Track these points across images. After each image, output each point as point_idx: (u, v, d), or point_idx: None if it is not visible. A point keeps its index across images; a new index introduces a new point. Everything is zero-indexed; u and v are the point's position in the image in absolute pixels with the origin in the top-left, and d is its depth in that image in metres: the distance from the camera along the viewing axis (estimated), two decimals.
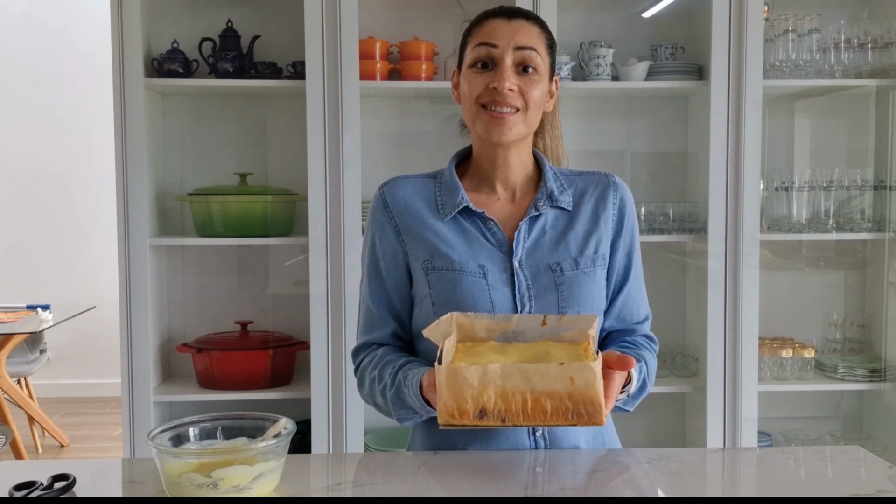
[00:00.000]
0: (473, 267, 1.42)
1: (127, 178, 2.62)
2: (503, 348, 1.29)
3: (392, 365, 1.42)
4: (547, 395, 1.15)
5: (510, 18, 1.44)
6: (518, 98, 1.40)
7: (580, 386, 1.14)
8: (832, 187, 2.79)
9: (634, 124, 2.98)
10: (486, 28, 1.44)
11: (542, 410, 1.15)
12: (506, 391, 1.15)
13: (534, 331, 1.32)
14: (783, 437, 2.93)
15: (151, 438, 1.19)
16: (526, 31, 1.43)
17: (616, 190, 1.52)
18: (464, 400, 1.16)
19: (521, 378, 1.15)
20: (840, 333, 2.95)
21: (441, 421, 1.17)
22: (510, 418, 1.16)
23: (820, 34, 2.78)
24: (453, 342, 1.28)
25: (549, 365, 1.15)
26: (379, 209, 1.51)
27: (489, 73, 1.41)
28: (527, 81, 1.41)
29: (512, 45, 1.40)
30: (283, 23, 2.83)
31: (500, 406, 1.15)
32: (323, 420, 2.65)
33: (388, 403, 1.42)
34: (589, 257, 1.45)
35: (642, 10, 2.95)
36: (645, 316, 1.56)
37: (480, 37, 1.43)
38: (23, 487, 1.17)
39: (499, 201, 1.50)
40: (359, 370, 1.51)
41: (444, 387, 1.16)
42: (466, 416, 1.16)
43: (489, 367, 1.15)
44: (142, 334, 2.66)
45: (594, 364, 1.14)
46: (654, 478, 1.30)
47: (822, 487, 1.28)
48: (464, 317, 1.32)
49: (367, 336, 1.52)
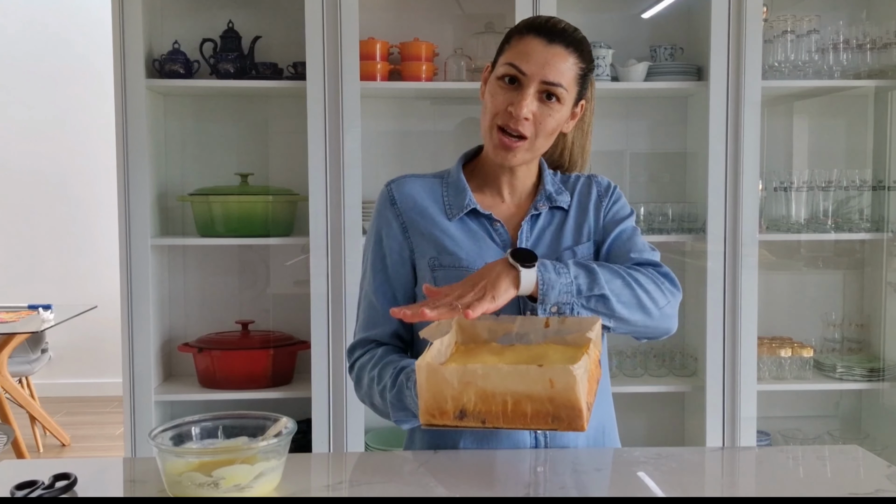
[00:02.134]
0: (480, 265, 1.43)
1: (128, 179, 2.63)
2: (502, 350, 1.28)
3: (393, 366, 1.41)
4: (527, 397, 1.12)
5: (549, 42, 1.40)
6: (530, 127, 1.41)
7: (560, 389, 1.11)
8: (831, 187, 2.80)
9: (634, 125, 2.99)
10: (522, 46, 1.41)
11: (523, 413, 1.13)
12: (486, 392, 1.13)
13: (537, 332, 1.31)
14: (782, 437, 2.94)
15: (153, 438, 1.19)
16: (559, 61, 1.40)
17: (598, 184, 1.56)
18: (444, 400, 1.14)
19: (501, 379, 1.12)
20: (839, 333, 2.95)
21: (422, 420, 1.17)
22: (490, 420, 1.14)
23: (818, 35, 2.78)
24: (447, 343, 1.27)
25: (529, 367, 1.13)
26: (386, 205, 1.51)
27: (513, 93, 1.40)
28: (545, 110, 1.41)
29: (539, 78, 1.39)
30: (284, 24, 2.84)
31: (481, 407, 1.13)
32: (323, 419, 2.65)
33: (386, 405, 1.41)
34: (584, 245, 1.49)
35: (642, 11, 2.96)
36: (644, 258, 1.47)
37: (514, 55, 1.41)
38: (24, 487, 1.17)
39: (504, 203, 1.52)
40: (355, 367, 1.50)
41: (425, 386, 1.15)
42: (447, 417, 1.15)
43: (469, 367, 1.14)
44: (143, 334, 2.67)
45: (575, 367, 1.11)
46: (653, 477, 1.30)
47: (820, 487, 1.28)
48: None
49: (366, 332, 1.51)
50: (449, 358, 1.27)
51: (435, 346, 1.23)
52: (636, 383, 2.81)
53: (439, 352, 1.24)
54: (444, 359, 1.25)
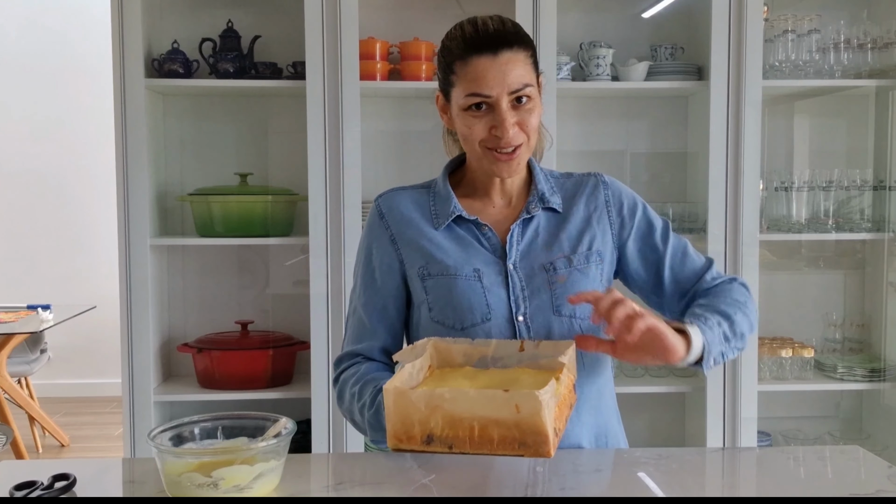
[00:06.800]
0: (468, 271, 1.43)
1: (127, 178, 2.62)
2: (475, 374, 1.27)
3: (373, 384, 1.40)
4: (494, 422, 1.10)
5: (496, 53, 1.35)
6: (520, 134, 1.39)
7: (525, 415, 1.09)
8: (831, 187, 2.80)
9: (634, 125, 2.99)
10: (472, 70, 1.36)
11: (490, 438, 1.11)
12: (453, 417, 1.12)
13: (511, 357, 1.30)
14: (783, 437, 2.94)
15: (152, 438, 1.19)
16: (514, 65, 1.36)
17: (606, 188, 1.52)
18: (411, 424, 1.13)
19: (468, 404, 1.11)
20: (839, 333, 2.95)
21: (390, 445, 1.16)
22: (457, 445, 1.12)
23: (819, 34, 2.78)
24: (419, 367, 1.26)
25: (495, 392, 1.12)
26: (375, 220, 1.52)
27: (487, 116, 1.37)
28: (524, 114, 1.38)
29: (506, 91, 1.35)
30: (284, 23, 2.84)
31: (448, 432, 1.12)
32: (323, 420, 2.65)
33: (365, 423, 1.40)
34: (582, 254, 1.46)
35: (642, 11, 2.95)
36: (702, 267, 1.51)
37: (469, 83, 1.36)
38: (23, 487, 1.17)
39: (494, 207, 1.50)
40: (339, 381, 1.49)
41: (392, 410, 1.14)
42: (414, 441, 1.13)
43: (437, 391, 1.13)
44: (142, 334, 2.66)
45: (541, 392, 1.08)
46: (654, 478, 1.30)
47: (821, 487, 1.28)
48: (442, 341, 1.30)
49: (353, 346, 1.50)
50: (421, 382, 1.26)
51: (406, 369, 1.22)
52: (637, 384, 2.81)
53: (410, 375, 1.23)
54: (415, 382, 1.24)
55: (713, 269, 1.52)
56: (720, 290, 1.47)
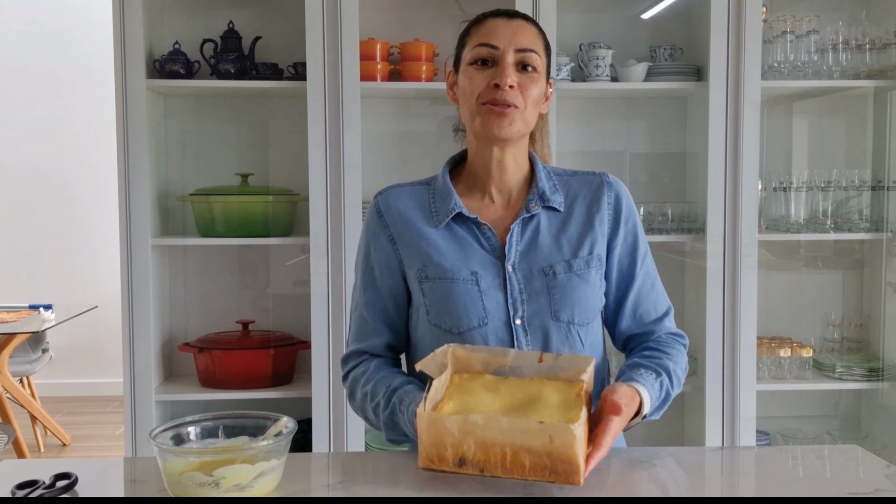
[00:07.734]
0: (466, 274, 1.42)
1: (129, 179, 2.63)
2: (496, 385, 1.29)
3: (386, 384, 1.41)
4: (526, 450, 1.14)
5: (510, 18, 1.44)
6: (518, 96, 1.40)
7: (559, 445, 1.13)
8: (830, 188, 2.80)
9: (633, 125, 2.99)
10: (486, 28, 1.43)
11: (521, 465, 1.15)
12: (486, 442, 1.15)
13: (530, 367, 1.31)
14: (781, 437, 2.94)
15: (153, 437, 1.19)
16: (526, 32, 1.43)
17: (610, 189, 1.50)
18: (444, 448, 1.16)
19: (501, 431, 1.14)
20: (838, 333, 2.96)
21: (421, 465, 1.18)
22: (489, 469, 1.16)
23: (818, 35, 2.78)
24: (443, 381, 1.28)
25: (529, 421, 1.15)
26: (374, 218, 1.51)
27: (490, 71, 1.41)
28: (526, 80, 1.41)
29: (513, 46, 1.40)
30: (284, 24, 2.84)
31: (480, 456, 1.15)
32: (324, 419, 2.66)
33: (380, 422, 1.42)
34: (583, 259, 1.44)
35: (641, 12, 2.96)
36: (664, 311, 1.53)
37: (480, 37, 1.43)
38: (25, 486, 1.18)
39: (493, 205, 1.49)
40: (349, 379, 1.50)
41: (426, 433, 1.17)
42: (446, 464, 1.17)
43: (470, 417, 1.15)
44: (143, 334, 2.67)
45: (575, 426, 1.12)
46: (653, 477, 1.31)
47: (820, 486, 1.28)
48: (461, 349, 1.31)
49: (358, 344, 1.51)
50: (445, 393, 1.27)
51: (434, 386, 1.24)
52: None
53: (436, 390, 1.25)
54: (440, 395, 1.26)
55: (671, 316, 1.54)
56: (671, 352, 1.49)
